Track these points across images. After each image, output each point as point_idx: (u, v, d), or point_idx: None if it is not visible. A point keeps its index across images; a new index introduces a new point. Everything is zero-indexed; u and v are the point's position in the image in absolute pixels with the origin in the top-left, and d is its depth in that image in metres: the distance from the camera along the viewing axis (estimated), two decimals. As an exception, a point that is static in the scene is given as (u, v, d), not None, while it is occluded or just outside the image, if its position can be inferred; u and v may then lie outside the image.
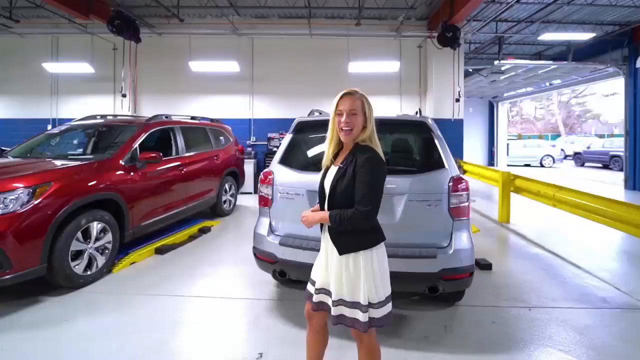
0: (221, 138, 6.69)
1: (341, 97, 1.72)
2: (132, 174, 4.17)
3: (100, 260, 3.69)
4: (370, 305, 1.67)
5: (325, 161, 1.81)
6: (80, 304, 3.24)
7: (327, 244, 1.78)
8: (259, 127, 9.86)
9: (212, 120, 6.81)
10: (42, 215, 3.12)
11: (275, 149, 9.55)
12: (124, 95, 9.18)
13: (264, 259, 2.88)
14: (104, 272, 3.74)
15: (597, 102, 33.17)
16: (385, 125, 3.28)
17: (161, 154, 4.53)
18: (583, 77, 11.37)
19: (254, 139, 9.72)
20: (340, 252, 1.69)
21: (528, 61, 10.41)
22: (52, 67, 9.38)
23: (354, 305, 1.68)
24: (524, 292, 3.51)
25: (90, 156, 4.43)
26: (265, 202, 2.97)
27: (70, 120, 9.99)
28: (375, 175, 1.64)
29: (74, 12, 7.75)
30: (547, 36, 9.19)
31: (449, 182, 2.62)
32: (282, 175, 2.93)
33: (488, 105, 16.85)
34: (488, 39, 10.33)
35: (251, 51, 9.85)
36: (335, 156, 1.81)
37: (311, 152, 2.99)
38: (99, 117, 5.51)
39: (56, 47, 9.97)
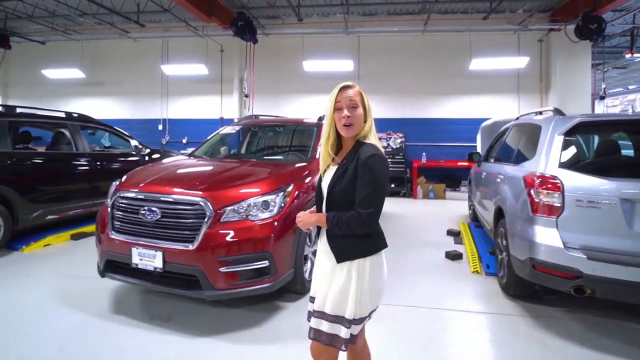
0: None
1: (339, 91, 1.59)
2: (325, 175, 4.04)
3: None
4: (353, 321, 1.49)
5: (323, 161, 1.66)
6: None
7: (324, 249, 1.61)
8: (365, 127, 9.64)
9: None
10: (292, 218, 3.01)
11: (382, 149, 9.28)
12: (246, 96, 9.33)
13: (556, 273, 2.57)
14: (316, 277, 3.62)
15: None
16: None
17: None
18: None
19: (361, 139, 9.50)
20: (338, 260, 1.53)
21: (667, 54, 9.38)
22: (169, 69, 9.72)
23: (337, 319, 1.50)
24: None
25: (280, 157, 4.37)
26: (548, 210, 2.66)
27: (179, 120, 10.39)
28: (378, 174, 1.49)
29: (200, 14, 7.91)
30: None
31: None
32: (575, 181, 2.61)
33: (583, 104, 15.64)
34: (618, 31, 9.44)
35: (357, 49, 9.66)
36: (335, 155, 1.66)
37: (611, 156, 2.64)
38: (254, 116, 5.49)
39: (166, 50, 10.34)
